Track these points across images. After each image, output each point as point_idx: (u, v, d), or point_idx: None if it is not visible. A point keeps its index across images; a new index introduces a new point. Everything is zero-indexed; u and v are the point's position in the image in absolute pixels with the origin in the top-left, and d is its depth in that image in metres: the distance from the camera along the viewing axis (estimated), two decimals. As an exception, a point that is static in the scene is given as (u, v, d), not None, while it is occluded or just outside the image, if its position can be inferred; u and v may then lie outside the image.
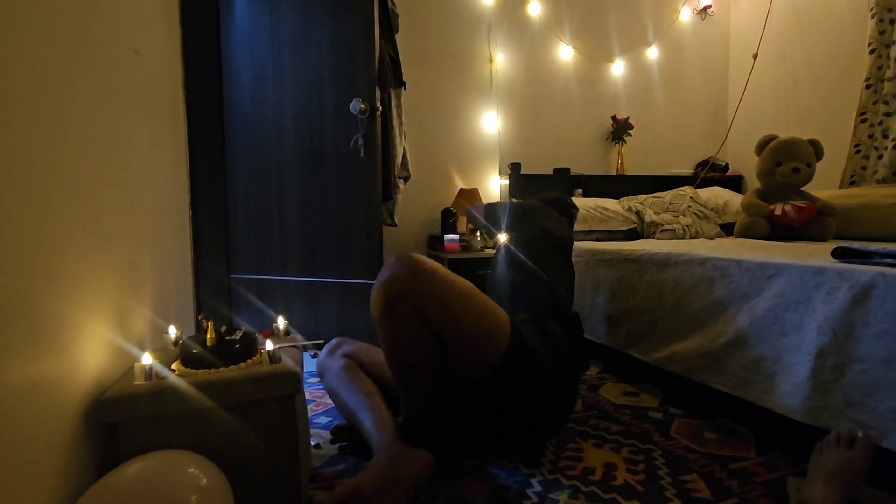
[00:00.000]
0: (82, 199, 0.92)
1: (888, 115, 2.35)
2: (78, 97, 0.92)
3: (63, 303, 0.83)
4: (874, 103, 2.41)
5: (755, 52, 3.06)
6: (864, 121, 2.44)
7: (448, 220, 2.61)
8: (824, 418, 1.08)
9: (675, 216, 2.54)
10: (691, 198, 2.66)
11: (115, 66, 1.11)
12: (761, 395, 1.24)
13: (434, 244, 2.72)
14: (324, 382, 1.31)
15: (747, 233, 2.19)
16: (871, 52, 2.40)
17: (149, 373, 0.89)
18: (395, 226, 2.44)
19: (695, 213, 2.57)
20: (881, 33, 2.37)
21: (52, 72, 0.83)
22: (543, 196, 1.76)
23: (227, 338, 0.99)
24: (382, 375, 1.22)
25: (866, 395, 1.03)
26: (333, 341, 1.36)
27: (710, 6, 3.25)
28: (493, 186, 2.95)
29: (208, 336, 0.97)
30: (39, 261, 0.76)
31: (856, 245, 1.18)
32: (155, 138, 1.44)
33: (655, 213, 2.56)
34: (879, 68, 2.39)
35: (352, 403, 1.16)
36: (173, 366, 0.96)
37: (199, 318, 1.12)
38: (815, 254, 1.35)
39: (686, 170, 3.31)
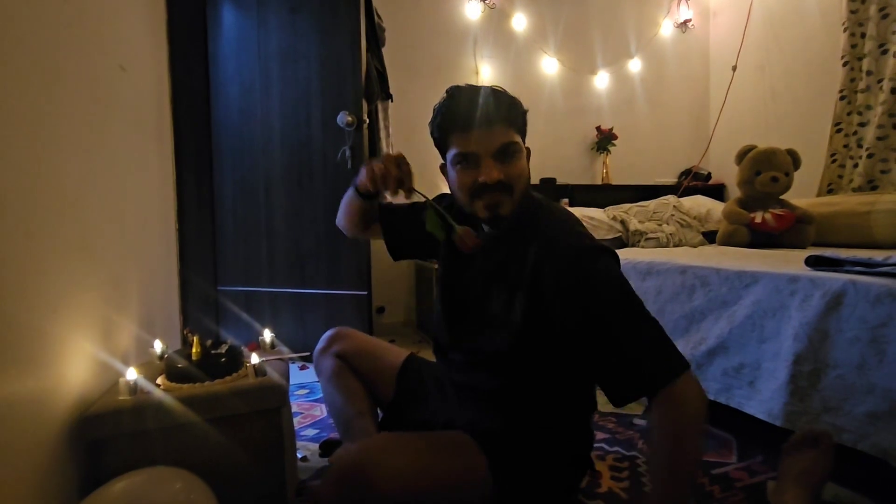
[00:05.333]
0: (68, 216, 0.92)
1: (862, 125, 2.42)
2: (64, 114, 0.93)
3: (47, 319, 0.83)
4: (848, 114, 2.48)
5: (734, 64, 3.14)
6: (839, 131, 2.51)
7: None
8: (804, 423, 1.11)
9: (659, 225, 2.59)
10: (675, 206, 2.71)
11: (101, 83, 1.12)
12: (744, 401, 1.27)
13: (422, 254, 2.73)
14: (319, 378, 1.22)
15: (729, 241, 2.24)
16: (844, 64, 2.47)
17: (133, 388, 0.89)
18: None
19: (678, 222, 2.61)
20: (853, 46, 2.45)
21: (38, 89, 0.84)
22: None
23: (212, 351, 0.99)
24: (373, 380, 1.15)
25: (842, 400, 1.06)
26: (330, 332, 1.22)
27: (690, 20, 3.34)
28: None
29: (194, 350, 0.97)
30: (24, 277, 0.77)
31: (828, 253, 1.21)
32: (141, 153, 1.45)
33: (640, 221, 2.60)
34: (852, 80, 2.47)
35: (342, 419, 1.11)
36: (158, 380, 0.96)
37: (185, 332, 1.12)
38: (792, 261, 1.39)
39: (669, 179, 3.37)
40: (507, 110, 0.90)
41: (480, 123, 0.88)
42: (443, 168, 0.99)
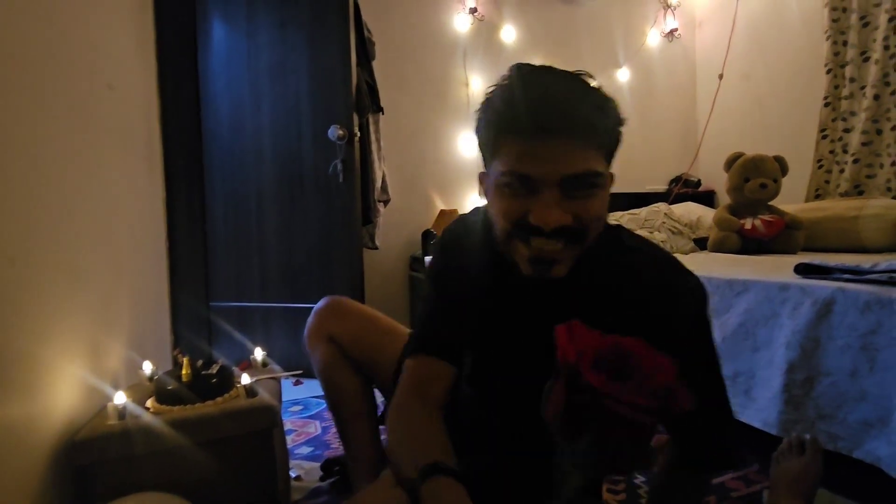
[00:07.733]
0: (55, 239, 0.91)
1: (846, 131, 2.46)
2: (50, 134, 0.92)
3: (34, 343, 0.82)
4: (833, 120, 2.52)
5: (720, 72, 3.18)
6: (824, 137, 2.55)
7: (429, 241, 2.62)
8: (798, 431, 1.11)
9: (651, 232, 2.60)
10: (665, 214, 2.72)
11: (88, 103, 1.11)
12: (741, 409, 1.26)
13: (415, 265, 2.73)
14: (310, 358, 1.08)
15: (720, 247, 2.25)
16: (828, 72, 2.51)
17: (122, 412, 0.87)
18: (377, 248, 2.45)
19: (669, 229, 2.63)
20: (836, 54, 2.49)
21: (24, 109, 0.83)
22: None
23: (203, 372, 0.98)
24: (370, 369, 1.03)
25: (836, 408, 1.06)
26: (322, 304, 1.09)
27: (676, 29, 3.38)
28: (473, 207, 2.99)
29: (184, 371, 0.96)
30: (9, 303, 0.76)
31: (816, 261, 1.22)
32: (130, 172, 1.44)
33: (631, 229, 2.62)
34: (836, 87, 2.51)
35: (337, 418, 1.04)
36: (148, 403, 0.95)
37: (175, 353, 1.11)
38: (782, 268, 1.40)
39: (660, 186, 3.39)
40: (597, 118, 0.60)
41: (551, 130, 0.57)
42: (483, 178, 0.71)
